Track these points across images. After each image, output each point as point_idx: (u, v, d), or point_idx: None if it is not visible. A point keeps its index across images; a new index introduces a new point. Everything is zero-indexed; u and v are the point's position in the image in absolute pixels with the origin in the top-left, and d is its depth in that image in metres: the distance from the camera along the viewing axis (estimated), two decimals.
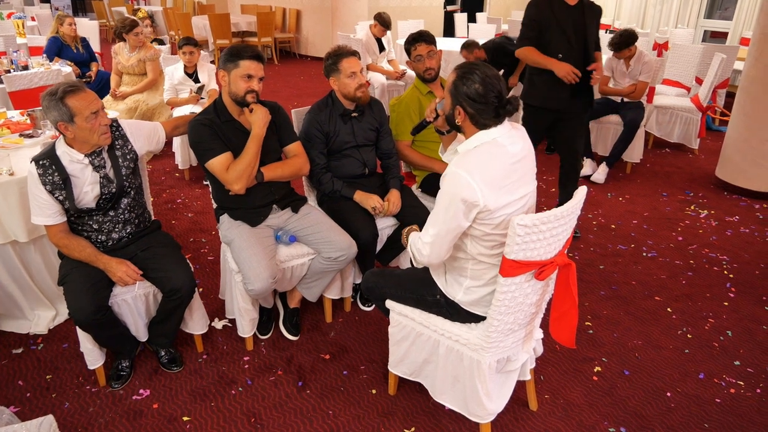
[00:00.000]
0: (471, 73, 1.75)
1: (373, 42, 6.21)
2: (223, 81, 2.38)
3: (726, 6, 9.01)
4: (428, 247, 1.83)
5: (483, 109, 1.74)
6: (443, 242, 1.80)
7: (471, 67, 1.77)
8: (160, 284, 2.27)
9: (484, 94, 1.72)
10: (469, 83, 1.74)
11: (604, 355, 2.61)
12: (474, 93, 1.73)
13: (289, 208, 2.62)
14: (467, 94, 1.75)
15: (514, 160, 1.76)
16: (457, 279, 1.95)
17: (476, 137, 1.78)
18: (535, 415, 2.25)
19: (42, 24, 9.25)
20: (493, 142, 1.76)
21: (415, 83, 3.08)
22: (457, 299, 1.95)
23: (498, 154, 1.74)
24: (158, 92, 5.07)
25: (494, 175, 1.71)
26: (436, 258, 1.85)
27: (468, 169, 1.69)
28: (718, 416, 2.27)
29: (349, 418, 2.23)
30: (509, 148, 1.76)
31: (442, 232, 1.77)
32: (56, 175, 2.10)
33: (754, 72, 4.26)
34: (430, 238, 1.81)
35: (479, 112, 1.75)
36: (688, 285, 3.22)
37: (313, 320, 2.84)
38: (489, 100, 1.73)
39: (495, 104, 1.73)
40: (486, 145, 1.76)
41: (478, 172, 1.68)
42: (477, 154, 1.75)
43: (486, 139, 1.76)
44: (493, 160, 1.73)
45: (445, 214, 1.74)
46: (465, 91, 1.75)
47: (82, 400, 2.30)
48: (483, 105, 1.74)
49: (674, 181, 4.82)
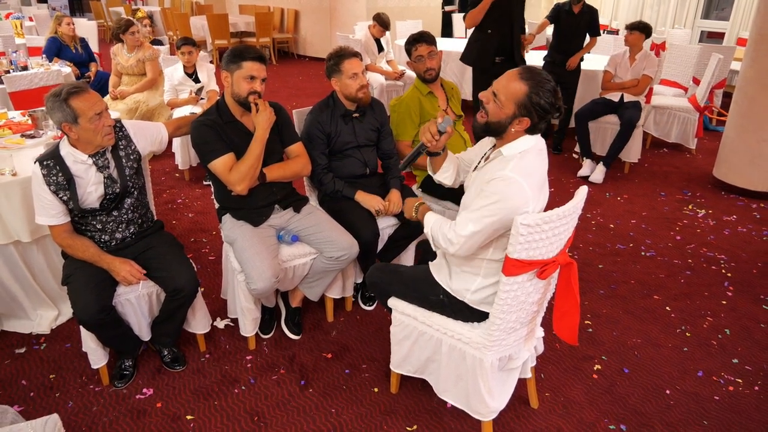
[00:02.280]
0: (543, 84, 1.74)
1: (371, 42, 6.22)
2: (225, 82, 2.39)
3: (723, 6, 9.05)
4: (463, 240, 1.79)
5: (547, 119, 1.78)
6: (479, 241, 1.80)
7: (541, 78, 1.75)
8: (164, 284, 2.29)
9: (553, 104, 1.75)
10: (542, 94, 1.73)
11: (604, 354, 2.63)
12: (546, 105, 1.74)
13: (291, 208, 2.63)
14: (540, 105, 1.74)
15: (546, 162, 1.83)
16: (468, 278, 1.96)
17: (524, 141, 1.80)
18: (536, 412, 2.27)
19: (40, 24, 9.25)
20: (537, 145, 1.81)
21: (416, 84, 3.09)
22: (466, 299, 1.97)
23: (542, 159, 1.81)
24: (158, 93, 5.08)
25: (540, 180, 1.77)
26: (465, 252, 1.83)
27: (525, 175, 1.71)
28: (717, 413, 2.29)
29: (351, 416, 2.24)
30: (545, 154, 1.83)
31: (483, 232, 1.76)
32: (60, 175, 2.12)
33: (751, 72, 4.29)
34: (468, 233, 1.78)
35: (543, 121, 1.78)
36: (687, 284, 3.24)
37: (315, 319, 2.85)
38: (553, 110, 1.76)
39: (554, 114, 1.78)
40: (534, 150, 1.79)
41: (531, 179, 1.72)
42: (529, 159, 1.77)
43: (532, 142, 1.80)
44: (539, 166, 1.79)
45: (492, 216, 1.73)
46: (538, 101, 1.73)
47: (85, 400, 2.31)
48: (549, 115, 1.77)
49: (672, 181, 4.85)
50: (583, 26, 4.98)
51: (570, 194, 1.85)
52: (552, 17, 5.09)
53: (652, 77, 4.67)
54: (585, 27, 4.99)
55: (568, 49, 5.02)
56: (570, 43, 5.02)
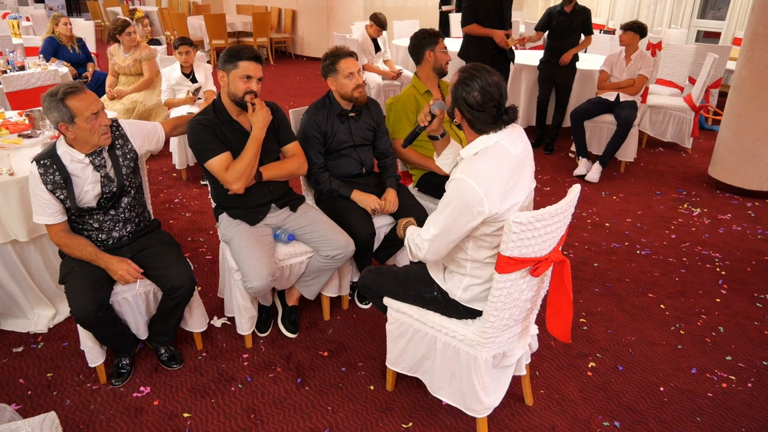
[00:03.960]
0: (471, 79, 1.75)
1: (369, 42, 6.23)
2: (222, 81, 2.40)
3: (719, 6, 9.08)
4: (427, 244, 1.86)
5: (480, 117, 1.76)
6: (442, 243, 1.83)
7: (472, 72, 1.76)
8: (161, 282, 2.30)
9: (482, 102, 1.74)
10: (468, 90, 1.75)
11: (599, 351, 2.65)
12: (472, 101, 1.75)
13: (287, 207, 2.64)
14: (465, 101, 1.76)
15: (516, 162, 1.78)
16: (457, 277, 1.99)
17: (478, 142, 1.80)
18: (531, 409, 2.29)
19: (37, 24, 9.24)
20: (496, 146, 1.77)
21: (413, 82, 3.11)
22: (456, 297, 1.98)
23: (501, 158, 1.76)
24: (155, 93, 5.08)
25: (499, 179, 1.73)
26: (432, 256, 1.88)
27: (474, 176, 1.71)
28: (711, 410, 2.31)
29: (347, 413, 2.26)
30: (512, 151, 1.78)
31: (443, 234, 1.80)
32: (57, 174, 2.13)
33: (746, 72, 4.31)
34: (430, 237, 1.84)
35: (477, 119, 1.77)
36: (681, 282, 3.26)
37: (312, 318, 2.87)
38: (487, 109, 1.75)
39: (493, 113, 1.76)
40: (489, 150, 1.77)
41: (483, 179, 1.70)
42: (482, 159, 1.76)
43: (488, 143, 1.78)
44: (497, 165, 1.74)
45: (448, 218, 1.77)
46: (464, 96, 1.76)
47: (83, 398, 2.32)
48: (480, 113, 1.75)
49: (667, 180, 4.87)
50: (576, 25, 5.02)
51: (566, 193, 1.86)
52: (543, 25, 5.16)
53: (647, 77, 4.69)
54: (578, 26, 5.04)
55: (562, 48, 5.05)
56: (563, 42, 5.05)
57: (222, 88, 2.43)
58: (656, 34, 7.91)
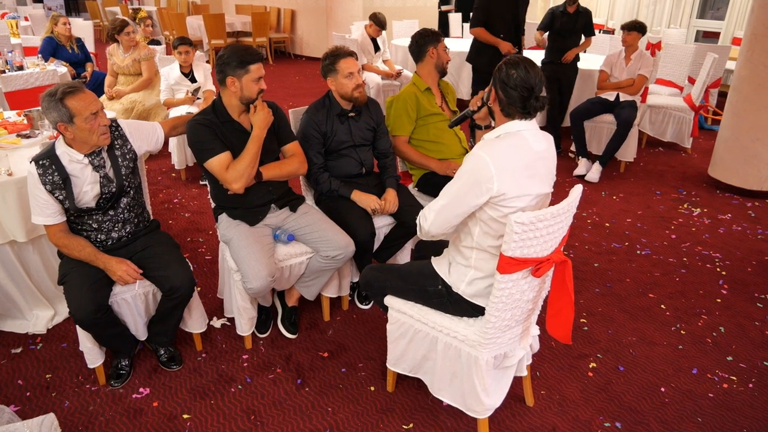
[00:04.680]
0: (516, 63, 1.83)
1: (368, 42, 6.23)
2: (233, 87, 2.37)
3: (718, 6, 9.08)
4: (433, 214, 1.89)
5: (514, 96, 1.81)
6: (449, 215, 1.86)
7: (519, 59, 1.84)
8: (160, 283, 2.29)
9: (518, 82, 1.80)
10: (509, 69, 1.82)
11: (599, 352, 2.64)
12: (509, 79, 1.81)
13: (287, 208, 2.63)
14: (503, 79, 1.83)
15: (536, 157, 1.82)
16: (461, 269, 1.98)
17: (502, 127, 1.87)
18: (532, 410, 2.28)
19: (35, 24, 9.22)
20: (518, 135, 1.83)
21: (413, 80, 3.10)
22: (460, 290, 1.98)
23: (520, 146, 1.81)
24: (154, 93, 5.07)
25: (514, 164, 1.77)
26: (437, 228, 1.90)
27: (490, 152, 1.77)
28: (712, 410, 2.30)
29: (348, 414, 2.25)
30: (532, 144, 1.83)
31: (451, 205, 1.84)
32: (56, 174, 2.12)
33: (746, 71, 4.31)
34: (438, 207, 1.87)
35: (509, 99, 1.83)
36: (682, 282, 3.26)
37: (312, 318, 2.86)
38: (519, 89, 1.80)
39: (524, 95, 1.80)
40: (511, 136, 1.83)
41: (498, 158, 1.76)
42: (501, 142, 1.82)
43: (511, 129, 1.84)
44: (515, 151, 1.80)
45: (459, 189, 1.82)
46: (503, 75, 1.83)
47: (82, 399, 2.31)
48: (514, 92, 1.80)
49: (667, 180, 4.87)
50: (579, 26, 5.04)
51: (566, 193, 1.85)
52: (546, 25, 5.16)
53: (647, 77, 4.69)
54: (581, 27, 5.06)
55: (564, 48, 5.06)
56: (566, 42, 5.06)
57: (233, 93, 2.38)
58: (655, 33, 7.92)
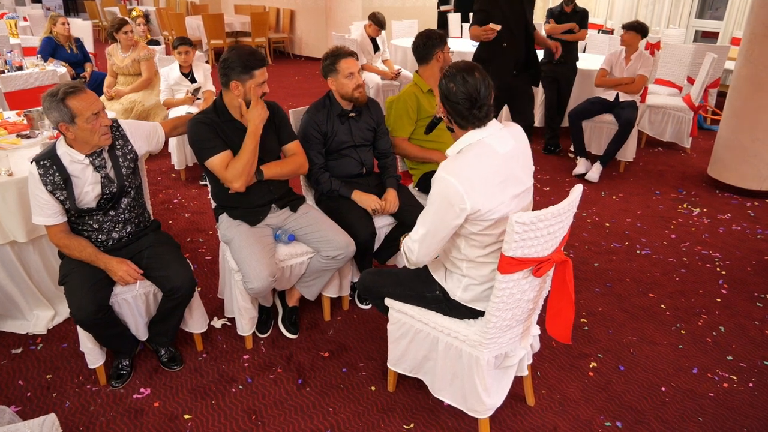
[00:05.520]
0: (453, 75, 1.80)
1: (367, 42, 6.22)
2: (236, 91, 2.36)
3: (717, 6, 9.09)
4: (417, 245, 1.87)
5: (459, 109, 1.79)
6: (432, 242, 1.84)
7: (456, 69, 1.80)
8: (161, 283, 2.29)
9: (459, 95, 1.77)
10: (447, 83, 1.80)
11: (600, 351, 2.65)
12: (449, 92, 1.79)
13: (287, 208, 2.64)
14: (444, 93, 1.81)
15: (502, 160, 1.78)
16: (456, 277, 1.98)
17: (462, 139, 1.83)
18: (533, 410, 2.28)
19: (34, 24, 9.21)
20: (479, 143, 1.79)
21: (415, 80, 3.10)
22: (457, 297, 1.98)
23: (484, 155, 1.77)
24: (154, 93, 5.07)
25: (482, 176, 1.73)
26: (424, 256, 1.88)
27: (455, 173, 1.72)
28: (712, 410, 2.31)
29: (349, 414, 2.25)
30: (497, 149, 1.79)
31: (431, 232, 1.82)
32: (57, 175, 2.11)
33: (745, 71, 4.32)
34: (419, 237, 1.86)
35: (455, 111, 1.81)
36: (682, 282, 3.26)
37: (312, 319, 2.86)
38: (462, 102, 1.77)
39: (467, 106, 1.77)
40: (472, 147, 1.79)
41: (464, 176, 1.71)
42: (464, 157, 1.78)
43: (471, 140, 1.80)
44: (479, 162, 1.75)
45: (434, 216, 1.80)
46: (443, 89, 1.81)
47: (82, 399, 2.31)
48: (458, 105, 1.78)
49: (667, 180, 4.88)
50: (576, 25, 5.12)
51: (565, 193, 1.86)
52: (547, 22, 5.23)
53: (647, 76, 4.69)
54: (578, 26, 5.14)
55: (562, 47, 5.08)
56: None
57: (236, 96, 2.37)
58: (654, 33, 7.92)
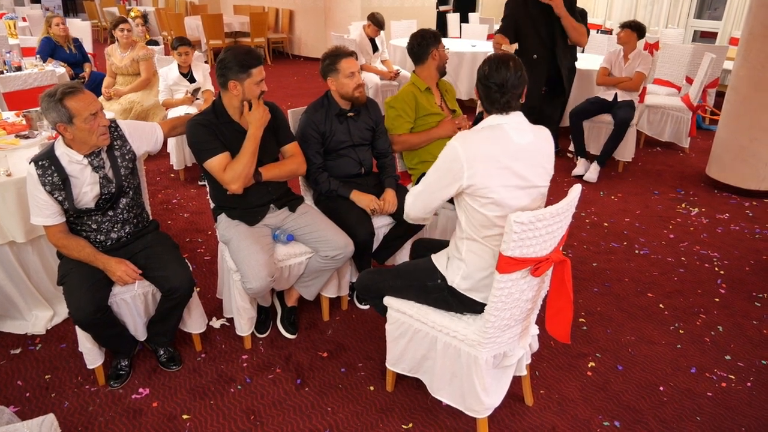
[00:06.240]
0: (490, 60, 1.89)
1: (366, 42, 6.22)
2: (235, 91, 2.37)
3: (715, 6, 9.10)
4: (412, 198, 2.03)
5: (486, 92, 1.88)
6: (426, 199, 1.97)
7: (498, 56, 1.90)
8: (159, 283, 2.29)
9: (489, 78, 1.86)
10: (483, 66, 1.89)
11: (598, 351, 2.65)
12: (482, 74, 1.89)
13: (286, 208, 2.64)
14: (479, 74, 1.91)
15: (515, 149, 1.83)
16: (456, 263, 2.00)
17: (485, 121, 1.92)
18: (531, 409, 2.29)
19: (33, 25, 9.20)
20: (497, 127, 1.87)
21: (413, 80, 3.10)
22: (455, 284, 1.99)
23: (498, 138, 1.84)
24: (153, 93, 5.06)
25: (487, 153, 1.80)
26: (415, 212, 2.04)
27: (464, 144, 1.82)
28: (710, 409, 2.31)
29: (347, 414, 2.25)
30: (513, 137, 1.84)
31: (426, 191, 1.96)
32: (55, 175, 2.11)
33: (743, 71, 4.32)
34: (416, 192, 2.01)
35: (484, 94, 1.90)
36: (680, 281, 3.27)
37: (311, 318, 2.86)
38: (490, 85, 1.86)
39: (495, 91, 1.85)
40: (490, 129, 1.87)
41: (471, 149, 1.80)
42: (479, 134, 1.87)
43: (492, 123, 1.89)
44: (489, 142, 1.83)
45: (434, 174, 1.91)
46: (479, 71, 1.91)
47: (81, 400, 2.31)
48: (486, 88, 1.87)
49: (665, 180, 4.88)
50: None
51: (564, 193, 1.85)
52: None
53: (645, 74, 4.69)
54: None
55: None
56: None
57: (235, 96, 2.38)
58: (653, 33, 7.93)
